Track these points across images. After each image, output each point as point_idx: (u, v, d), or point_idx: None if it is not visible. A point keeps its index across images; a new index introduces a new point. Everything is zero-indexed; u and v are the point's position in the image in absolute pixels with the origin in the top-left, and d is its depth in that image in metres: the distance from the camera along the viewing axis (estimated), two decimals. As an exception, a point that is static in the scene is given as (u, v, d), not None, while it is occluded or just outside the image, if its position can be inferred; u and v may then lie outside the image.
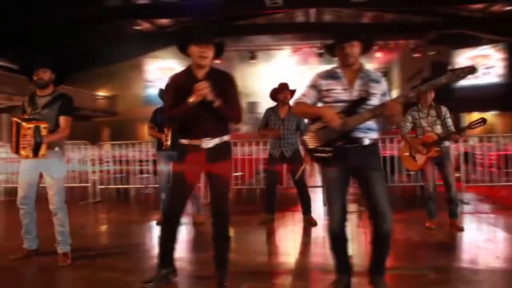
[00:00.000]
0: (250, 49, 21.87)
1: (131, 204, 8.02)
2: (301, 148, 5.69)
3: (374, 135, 2.97)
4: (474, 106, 22.40)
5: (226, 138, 3.26)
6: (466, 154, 7.61)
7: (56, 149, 4.00)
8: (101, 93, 24.10)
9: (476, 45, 22.64)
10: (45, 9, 16.28)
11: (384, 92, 2.94)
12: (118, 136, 14.14)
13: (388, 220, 2.85)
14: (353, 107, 2.88)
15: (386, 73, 25.84)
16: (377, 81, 2.96)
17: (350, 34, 2.97)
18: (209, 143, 3.17)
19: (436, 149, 4.95)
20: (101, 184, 8.28)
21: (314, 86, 3.03)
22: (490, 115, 21.37)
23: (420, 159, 5.08)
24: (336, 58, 3.07)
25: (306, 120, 4.07)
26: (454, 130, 4.97)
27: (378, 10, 19.57)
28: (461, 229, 4.94)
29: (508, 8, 17.35)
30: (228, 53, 21.96)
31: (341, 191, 2.95)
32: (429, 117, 5.09)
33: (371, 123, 2.92)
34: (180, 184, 3.26)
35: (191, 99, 3.05)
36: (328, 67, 3.09)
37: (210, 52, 3.18)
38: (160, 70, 23.67)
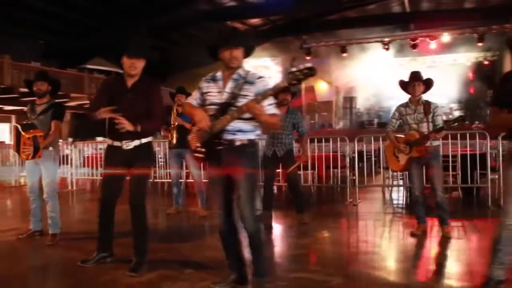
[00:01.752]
0: (341, 43, 21.49)
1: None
2: (295, 148, 5.78)
3: (247, 136, 3.03)
4: None
5: (145, 140, 3.62)
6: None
7: (50, 148, 4.71)
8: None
9: None
10: (140, 15, 17.93)
11: (258, 93, 2.97)
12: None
13: (249, 221, 2.93)
14: (222, 109, 2.99)
15: (496, 61, 23.48)
16: (252, 83, 3.02)
17: (238, 39, 3.07)
18: (129, 144, 3.56)
19: (419, 148, 4.62)
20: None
21: (199, 88, 3.20)
22: None
23: (403, 159, 4.79)
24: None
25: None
26: (440, 128, 4.58)
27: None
28: (448, 237, 4.57)
29: None
30: (320, 49, 21.96)
31: (222, 189, 3.08)
32: (416, 114, 4.74)
33: (242, 125, 2.99)
34: (109, 179, 3.69)
35: (103, 114, 3.48)
36: (433, 57, 3.18)
37: (139, 64, 3.58)
38: (254, 68, 24.41)
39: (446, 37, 20.83)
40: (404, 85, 4.91)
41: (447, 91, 23.72)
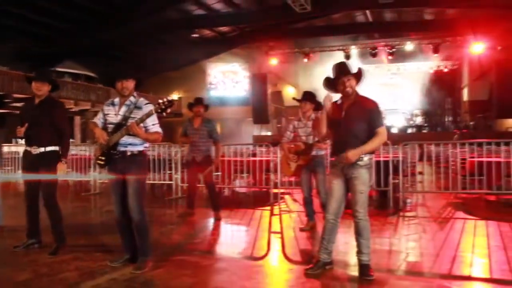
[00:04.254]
0: (305, 50, 22.51)
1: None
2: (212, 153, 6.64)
3: (137, 148, 3.97)
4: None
5: (49, 148, 4.48)
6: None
7: None
8: (175, 96, 26.28)
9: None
10: (112, 21, 18.65)
11: (141, 116, 3.88)
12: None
13: (134, 213, 3.88)
14: (117, 128, 3.93)
15: (455, 70, 24.80)
16: (140, 108, 3.96)
17: (127, 73, 3.99)
18: (36, 150, 4.47)
19: (304, 157, 5.56)
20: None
21: (101, 110, 4.13)
22: None
23: (293, 166, 5.72)
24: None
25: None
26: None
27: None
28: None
29: None
30: (287, 54, 22.97)
31: (118, 188, 4.00)
32: (306, 128, 5.67)
33: (133, 140, 3.92)
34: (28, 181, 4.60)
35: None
36: (398, 65, 3.66)
37: (44, 87, 4.52)
38: (222, 73, 25.44)
39: (409, 45, 22.02)
40: (298, 100, 5.83)
41: (410, 97, 25.07)
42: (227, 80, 25.69)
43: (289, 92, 25.38)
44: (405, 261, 4.35)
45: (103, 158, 3.99)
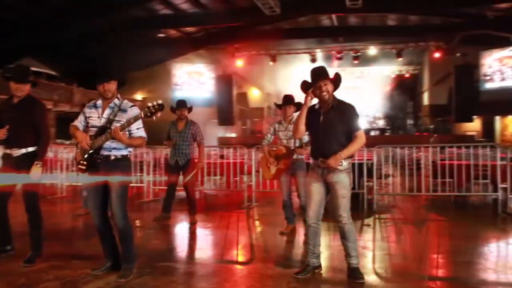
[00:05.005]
0: (271, 53, 22.61)
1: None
2: (194, 157, 6.51)
3: (121, 152, 3.81)
4: (506, 109, 22.01)
5: (30, 149, 4.24)
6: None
7: None
8: (138, 96, 25.78)
9: (505, 46, 21.81)
10: (74, 17, 18.01)
11: (129, 120, 3.74)
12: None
13: (118, 218, 3.73)
14: (100, 131, 3.76)
15: (416, 75, 25.59)
16: (124, 111, 3.80)
17: (108, 75, 3.83)
18: (17, 152, 4.22)
19: (285, 161, 5.52)
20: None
21: (82, 113, 3.95)
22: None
23: (273, 169, 5.67)
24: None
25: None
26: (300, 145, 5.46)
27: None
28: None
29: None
30: (252, 56, 22.99)
31: (99, 194, 3.83)
32: (287, 131, 5.64)
33: (117, 144, 3.76)
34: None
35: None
36: (361, 69, 3.68)
37: (25, 87, 4.25)
38: (187, 74, 25.15)
39: (372, 50, 22.52)
40: (279, 105, 5.79)
41: (373, 101, 25.60)
42: (193, 81, 25.38)
43: (254, 94, 25.41)
44: (390, 263, 4.39)
45: (85, 162, 3.81)
